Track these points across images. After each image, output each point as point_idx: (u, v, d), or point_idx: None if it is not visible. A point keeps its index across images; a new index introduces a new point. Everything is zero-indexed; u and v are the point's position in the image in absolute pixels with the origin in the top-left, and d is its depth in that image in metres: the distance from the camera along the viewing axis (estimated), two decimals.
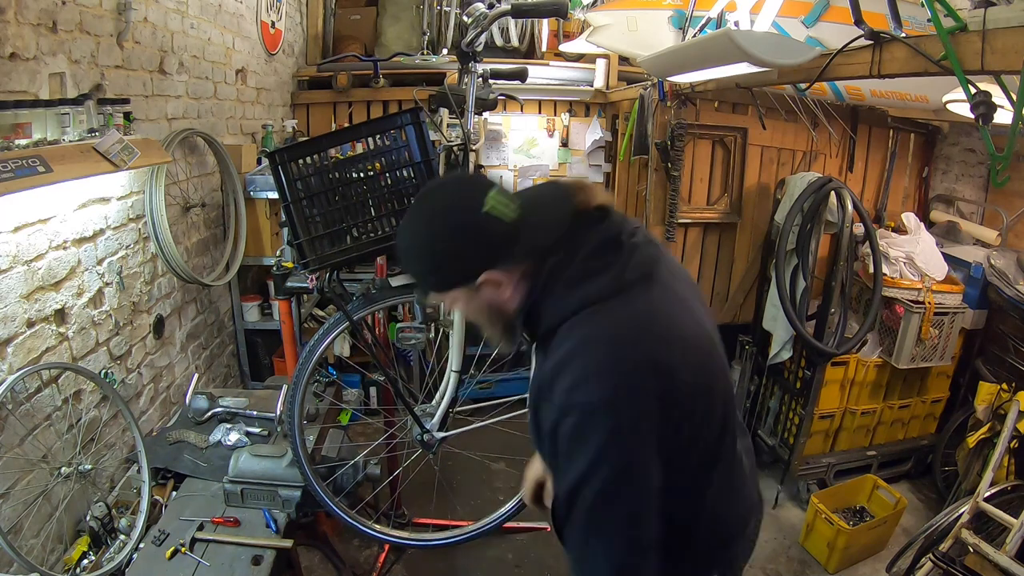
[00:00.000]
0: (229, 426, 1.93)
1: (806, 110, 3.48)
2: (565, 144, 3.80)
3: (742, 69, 1.74)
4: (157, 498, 1.68)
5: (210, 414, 2.00)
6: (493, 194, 0.89)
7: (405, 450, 1.80)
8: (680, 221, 3.30)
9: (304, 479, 1.62)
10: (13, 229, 1.42)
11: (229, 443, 1.86)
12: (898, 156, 3.91)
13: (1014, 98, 1.21)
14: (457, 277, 0.94)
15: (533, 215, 0.93)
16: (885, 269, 2.98)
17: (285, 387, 2.04)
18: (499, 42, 3.79)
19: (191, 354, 2.40)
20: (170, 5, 2.11)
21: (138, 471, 1.70)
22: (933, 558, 1.98)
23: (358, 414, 3.42)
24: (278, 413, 1.94)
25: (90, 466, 1.60)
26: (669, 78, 2.51)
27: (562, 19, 3.29)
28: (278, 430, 1.92)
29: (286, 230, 2.26)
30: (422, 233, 0.94)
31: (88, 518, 1.58)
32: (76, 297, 1.67)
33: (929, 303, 2.92)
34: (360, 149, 1.46)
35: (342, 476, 1.74)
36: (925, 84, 2.69)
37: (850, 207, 2.78)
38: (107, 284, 1.81)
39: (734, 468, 1.07)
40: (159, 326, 2.12)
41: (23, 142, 1.36)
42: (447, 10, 3.77)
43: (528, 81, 3.72)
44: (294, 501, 1.65)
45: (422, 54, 3.77)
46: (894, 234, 3.24)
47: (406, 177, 1.41)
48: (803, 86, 1.81)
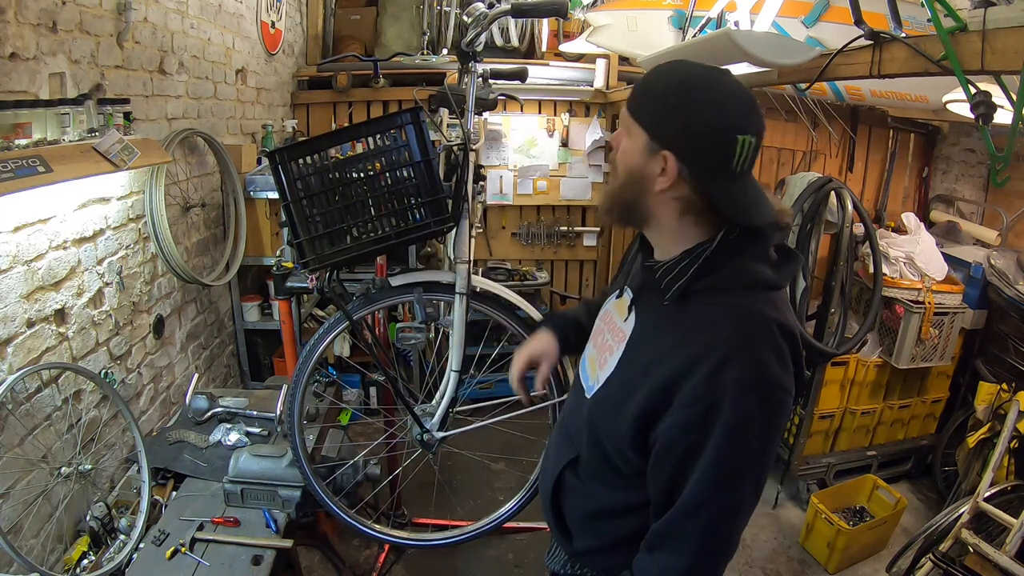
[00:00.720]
0: (229, 426, 1.93)
1: (806, 110, 3.48)
2: (565, 144, 3.80)
3: (742, 69, 1.74)
4: (157, 498, 1.68)
5: (210, 414, 2.00)
6: (750, 140, 0.86)
7: (405, 450, 1.80)
8: None
9: (304, 479, 1.62)
10: (13, 229, 1.42)
11: (229, 443, 1.86)
12: (898, 156, 3.91)
13: (1014, 98, 1.21)
14: (657, 125, 0.88)
15: (753, 188, 0.92)
16: (885, 269, 2.98)
17: (285, 387, 2.04)
18: (499, 42, 3.79)
19: (191, 354, 2.40)
20: (170, 5, 2.11)
21: (138, 471, 1.70)
22: (933, 558, 1.97)
23: (358, 414, 3.43)
24: (278, 413, 1.94)
25: (90, 466, 1.60)
26: None
27: (562, 19, 3.29)
28: (278, 430, 1.92)
29: (286, 230, 2.26)
30: (686, 83, 0.88)
31: (88, 518, 1.58)
32: (76, 297, 1.67)
33: (929, 303, 2.92)
34: (360, 149, 1.46)
35: (342, 476, 1.74)
36: (925, 84, 2.69)
37: (850, 207, 2.77)
38: (107, 284, 1.81)
39: None
40: (159, 326, 2.12)
41: (23, 142, 1.36)
42: (447, 10, 3.78)
43: (528, 81, 3.73)
44: (294, 501, 1.65)
45: (422, 54, 3.77)
46: (894, 234, 3.24)
47: (406, 177, 1.41)
48: (803, 86, 1.81)
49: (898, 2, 1.43)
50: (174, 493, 1.72)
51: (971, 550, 1.97)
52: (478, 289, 1.59)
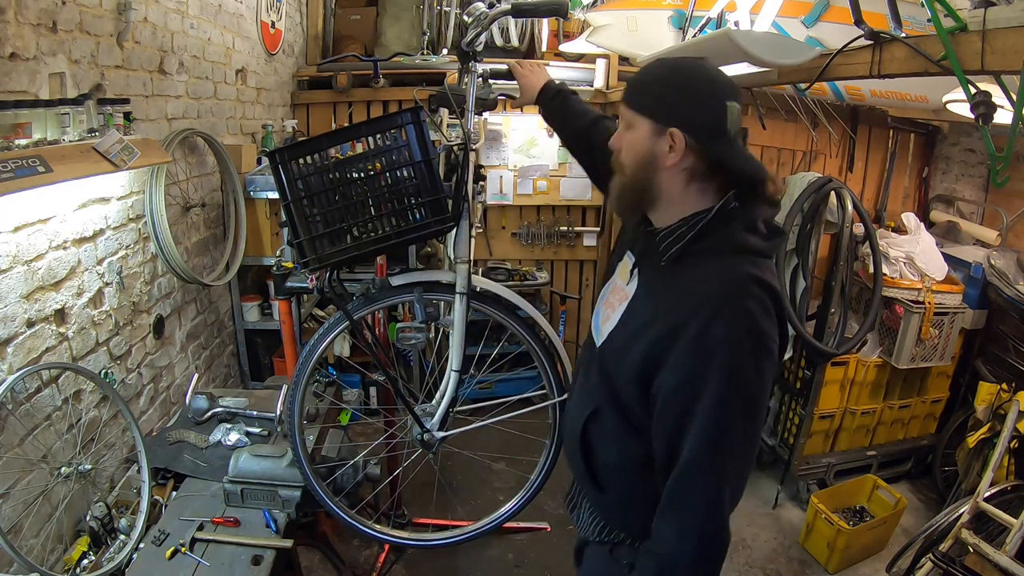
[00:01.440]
0: (229, 426, 1.93)
1: (806, 110, 3.48)
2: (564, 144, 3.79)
3: (742, 69, 1.74)
4: (157, 498, 1.68)
5: (210, 414, 2.00)
6: (736, 106, 1.00)
7: (405, 450, 1.80)
8: None
9: (304, 479, 1.62)
10: (13, 229, 1.42)
11: (229, 443, 1.86)
12: (898, 156, 3.91)
13: (1014, 98, 1.21)
14: (660, 111, 1.00)
15: (744, 149, 1.05)
16: (885, 269, 2.98)
17: (285, 387, 2.04)
18: (499, 42, 3.79)
19: (191, 354, 2.40)
20: (170, 5, 2.11)
21: (138, 471, 1.70)
22: (933, 558, 1.97)
23: (358, 414, 3.43)
24: (278, 413, 1.94)
25: (90, 466, 1.60)
26: None
27: (562, 19, 3.29)
28: (278, 430, 1.92)
29: (286, 230, 2.26)
30: (676, 68, 1.04)
31: (88, 518, 1.58)
32: (76, 297, 1.67)
33: (929, 303, 2.92)
34: (360, 149, 1.46)
35: (342, 476, 1.74)
36: (925, 84, 2.69)
37: (850, 207, 2.78)
38: (107, 284, 1.81)
39: None
40: (159, 326, 2.12)
41: (23, 142, 1.36)
42: (447, 10, 3.78)
43: None
44: (294, 501, 1.65)
45: (422, 54, 3.77)
46: (894, 234, 3.24)
47: (406, 177, 1.41)
48: (803, 86, 1.81)
49: (898, 2, 1.43)
50: (174, 493, 1.72)
51: (971, 550, 1.98)
52: (478, 289, 1.59)
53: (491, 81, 1.61)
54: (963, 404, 3.18)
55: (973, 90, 1.20)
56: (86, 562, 1.52)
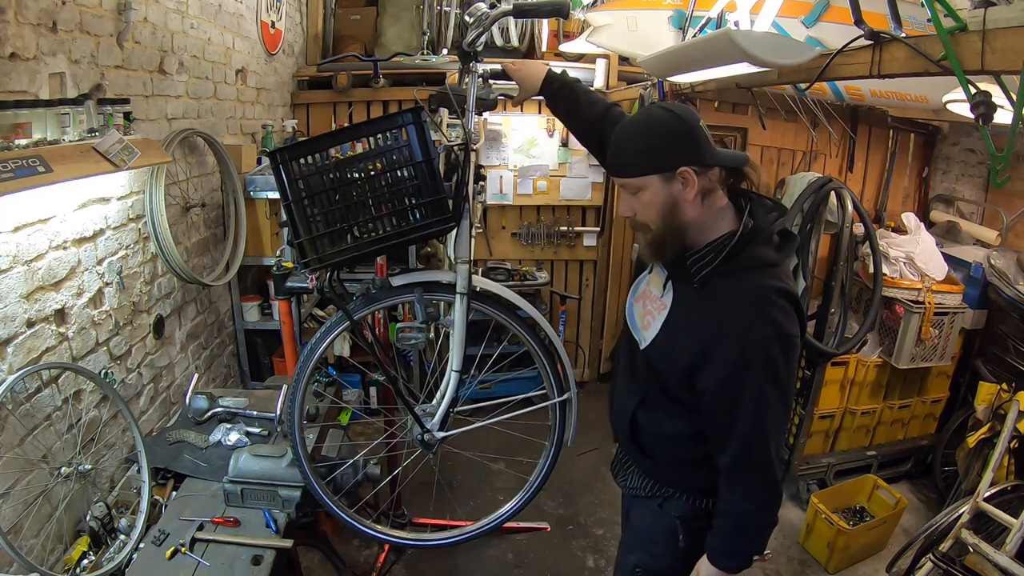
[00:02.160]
0: (229, 426, 1.93)
1: (806, 110, 3.48)
2: (565, 144, 3.80)
3: (742, 69, 1.74)
4: (157, 498, 1.68)
5: (210, 414, 2.00)
6: (703, 123, 1.18)
7: (405, 450, 1.80)
8: None
9: (304, 479, 1.62)
10: (13, 229, 1.42)
11: (229, 443, 1.86)
12: (898, 156, 3.91)
13: (1014, 98, 1.21)
14: (662, 162, 1.16)
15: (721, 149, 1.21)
16: (885, 269, 2.98)
17: (285, 387, 2.04)
18: (499, 42, 3.79)
19: (191, 354, 2.40)
20: (170, 5, 2.11)
21: (138, 471, 1.70)
22: (933, 558, 1.97)
23: (358, 413, 3.42)
24: (278, 413, 1.94)
25: (90, 466, 1.60)
26: (669, 78, 2.51)
27: (563, 19, 3.29)
28: (278, 430, 1.92)
29: (286, 230, 2.26)
30: (646, 124, 1.20)
31: (88, 518, 1.58)
32: (76, 297, 1.67)
33: (929, 303, 2.92)
34: (360, 149, 1.46)
35: (341, 476, 1.74)
36: (925, 84, 2.69)
37: (850, 207, 2.77)
38: (107, 284, 1.81)
39: None
40: (159, 326, 2.12)
41: (23, 142, 1.36)
42: (447, 10, 3.78)
43: None
44: (294, 501, 1.65)
45: (422, 54, 3.77)
46: (894, 234, 3.24)
47: (406, 177, 1.41)
48: (803, 86, 1.81)
49: (898, 2, 1.43)
50: (174, 493, 1.72)
51: (971, 550, 1.98)
52: (478, 289, 1.58)
53: (491, 81, 1.61)
54: (963, 404, 3.18)
55: (973, 90, 1.20)
56: (86, 562, 1.52)
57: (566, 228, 3.93)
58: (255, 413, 2.01)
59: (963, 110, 1.99)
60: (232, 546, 1.51)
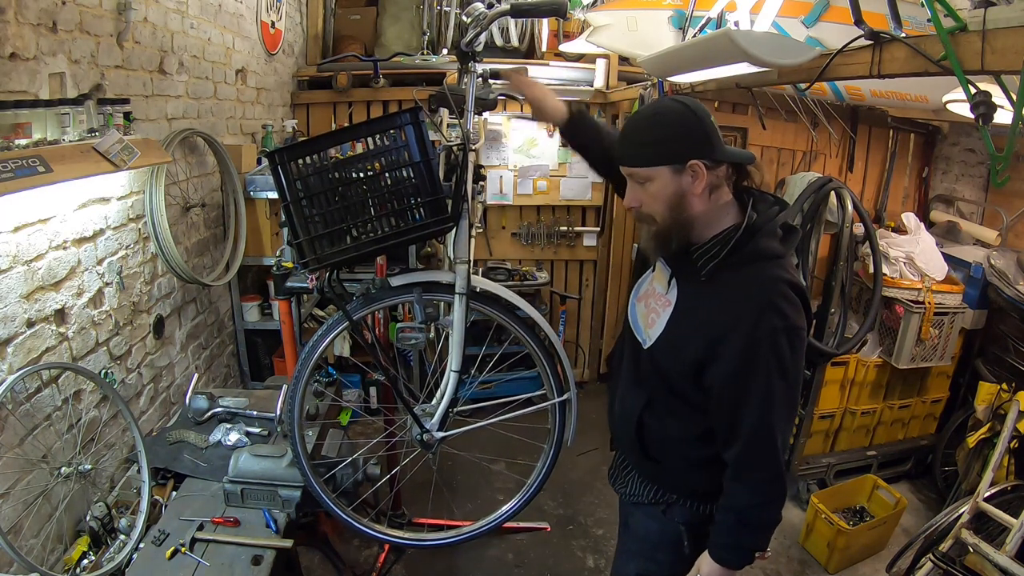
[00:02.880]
0: (229, 426, 1.93)
1: (806, 110, 3.48)
2: (565, 144, 3.79)
3: (742, 69, 1.74)
4: (157, 498, 1.68)
5: (210, 414, 2.00)
6: (710, 116, 1.18)
7: (404, 450, 1.80)
8: None
9: (304, 479, 1.62)
10: (13, 229, 1.42)
11: (229, 443, 1.86)
12: (898, 156, 3.91)
13: (1014, 98, 1.21)
14: (673, 154, 1.15)
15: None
16: (885, 269, 2.98)
17: (285, 387, 2.04)
18: (499, 42, 3.79)
19: (191, 354, 2.40)
20: (170, 5, 2.11)
21: (138, 471, 1.70)
22: (933, 558, 1.97)
23: (359, 412, 3.42)
24: (278, 413, 1.94)
25: (90, 466, 1.60)
26: (669, 78, 2.51)
27: (561, 19, 3.28)
28: (278, 430, 1.92)
29: (286, 230, 2.26)
30: (658, 114, 1.19)
31: (88, 518, 1.58)
32: (76, 297, 1.67)
33: (929, 303, 2.92)
34: (360, 149, 1.46)
35: (341, 475, 1.74)
36: (925, 84, 2.69)
37: (850, 207, 2.77)
38: (107, 284, 1.81)
39: None
40: (159, 326, 2.12)
41: (23, 142, 1.36)
42: (447, 10, 3.78)
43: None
44: (294, 501, 1.65)
45: (422, 54, 3.77)
46: (894, 234, 3.24)
47: (406, 177, 1.41)
48: (803, 86, 1.81)
49: (898, 2, 1.43)
50: (174, 493, 1.72)
51: (971, 550, 1.98)
52: (478, 289, 1.58)
53: (491, 81, 1.61)
54: (963, 404, 3.18)
55: (973, 90, 1.20)
56: (86, 562, 1.52)
57: (566, 228, 3.93)
58: (255, 413, 2.01)
59: (963, 110, 1.99)
60: (232, 546, 1.51)
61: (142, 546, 1.52)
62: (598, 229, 3.97)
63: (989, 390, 2.47)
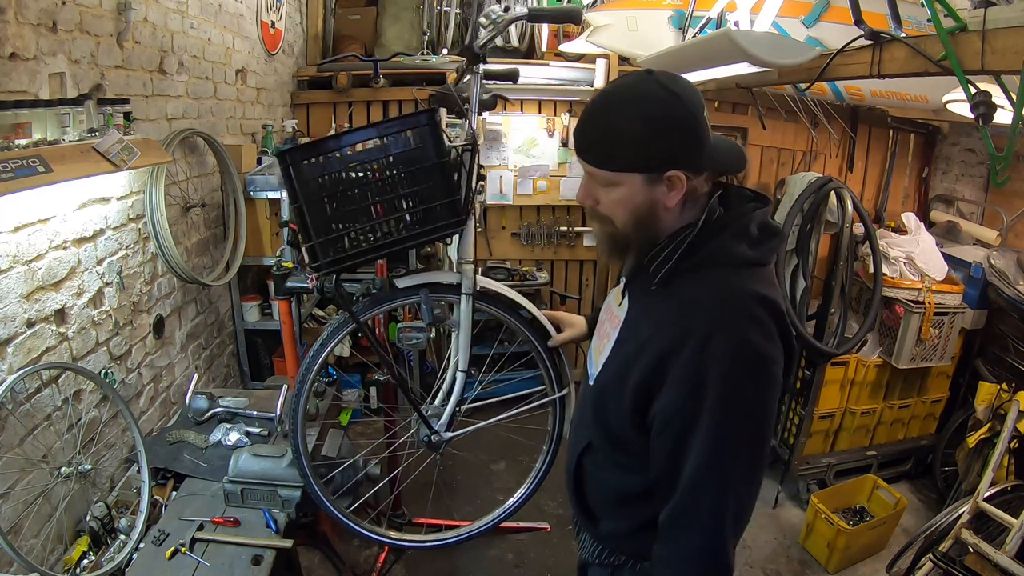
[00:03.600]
0: (229, 426, 1.93)
1: (806, 110, 3.48)
2: (565, 144, 3.80)
3: (742, 69, 1.75)
4: (157, 498, 1.68)
5: (210, 414, 2.00)
6: (703, 109, 0.94)
7: (407, 451, 1.80)
8: None
9: (305, 482, 1.61)
10: (13, 229, 1.42)
11: (229, 443, 1.86)
12: (898, 156, 3.91)
13: (1014, 98, 1.21)
14: (650, 160, 0.92)
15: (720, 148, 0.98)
16: (885, 269, 2.98)
17: (285, 387, 2.04)
18: (499, 42, 3.79)
19: (191, 354, 2.40)
20: (170, 5, 2.11)
21: (138, 471, 1.70)
22: (933, 558, 1.97)
23: (361, 411, 3.42)
24: (278, 413, 1.94)
25: (90, 466, 1.60)
26: None
27: (575, 25, 3.29)
28: (278, 430, 1.92)
29: (286, 230, 2.26)
30: (638, 103, 0.91)
31: (88, 518, 1.58)
32: (76, 297, 1.67)
33: (929, 303, 2.92)
34: (369, 146, 1.43)
35: (342, 475, 1.74)
36: (925, 84, 2.69)
37: (850, 207, 2.78)
38: (107, 284, 1.80)
39: None
40: (159, 326, 2.12)
41: (23, 142, 1.36)
42: (447, 10, 3.78)
43: (528, 81, 3.73)
44: (294, 501, 1.65)
45: (422, 54, 3.77)
46: (894, 234, 3.24)
47: (418, 177, 1.38)
48: (803, 86, 1.82)
49: (898, 2, 1.43)
50: (174, 493, 1.72)
51: (971, 550, 1.97)
52: (479, 289, 1.58)
53: (484, 82, 1.60)
54: (963, 404, 3.18)
55: (973, 90, 1.20)
56: (86, 562, 1.52)
57: (566, 228, 3.93)
58: (255, 413, 2.01)
59: (963, 110, 1.99)
60: (232, 546, 1.51)
61: (142, 546, 1.52)
62: None
63: (989, 390, 2.47)
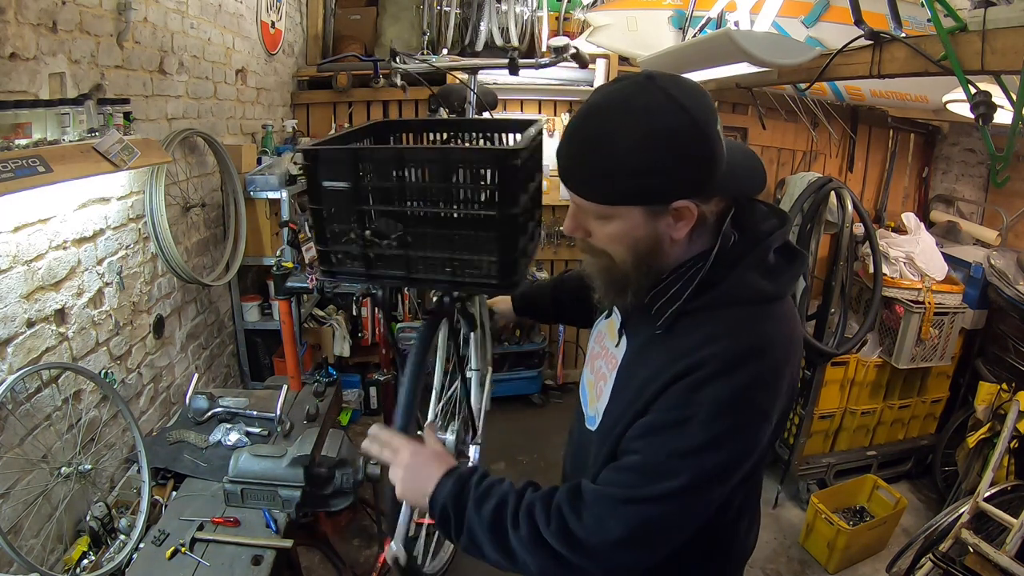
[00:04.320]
0: (229, 426, 1.93)
1: (806, 110, 3.48)
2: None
3: (742, 69, 1.75)
4: (157, 498, 1.68)
5: (210, 414, 2.00)
6: (717, 121, 0.80)
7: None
8: None
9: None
10: (13, 229, 1.42)
11: (229, 443, 1.86)
12: (898, 156, 3.91)
13: (1014, 98, 1.21)
14: (654, 192, 0.78)
15: (734, 163, 0.83)
16: (885, 269, 2.98)
17: (285, 387, 2.05)
18: (499, 42, 3.79)
19: (191, 354, 2.40)
20: (170, 5, 2.11)
21: (138, 471, 1.70)
22: (933, 558, 1.97)
23: (359, 412, 3.42)
24: (278, 413, 1.94)
25: (90, 466, 1.60)
26: None
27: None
28: (278, 430, 1.92)
29: (286, 230, 2.26)
30: (639, 124, 0.75)
31: (88, 518, 1.58)
32: (76, 297, 1.67)
33: (929, 303, 2.92)
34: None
35: (342, 476, 1.74)
36: (925, 84, 2.70)
37: (850, 207, 2.78)
38: (107, 284, 1.81)
39: (758, 492, 1.13)
40: (159, 326, 2.12)
41: (23, 142, 1.36)
42: (447, 10, 3.77)
43: (528, 81, 3.72)
44: (294, 501, 1.65)
45: (422, 54, 3.77)
46: (894, 234, 3.24)
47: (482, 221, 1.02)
48: (803, 86, 1.82)
49: (898, 2, 1.43)
50: (174, 493, 1.72)
51: (971, 550, 1.97)
52: None
53: (480, 80, 1.59)
54: (963, 404, 3.18)
55: (973, 90, 1.20)
56: (86, 562, 1.52)
57: None
58: (255, 413, 2.01)
59: (963, 110, 1.99)
60: (232, 546, 1.51)
61: (142, 546, 1.52)
62: None
63: (989, 390, 2.47)
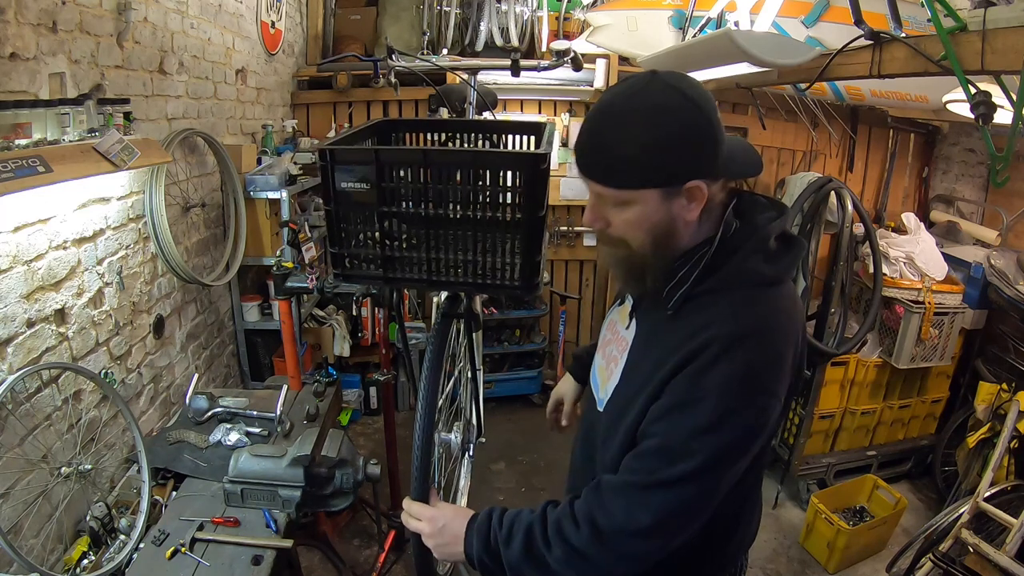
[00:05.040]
0: (229, 426, 1.93)
1: (806, 110, 3.48)
2: (565, 144, 3.80)
3: (742, 69, 1.75)
4: (157, 498, 1.68)
5: (210, 414, 2.00)
6: (717, 111, 0.89)
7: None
8: None
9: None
10: (13, 229, 1.42)
11: (229, 443, 1.86)
12: (898, 156, 3.91)
13: (1014, 98, 1.21)
14: (669, 174, 0.85)
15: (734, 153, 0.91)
16: (885, 269, 2.98)
17: (285, 387, 2.05)
18: (499, 42, 3.79)
19: (191, 354, 2.40)
20: (170, 5, 2.11)
21: (138, 471, 1.70)
22: (933, 558, 1.97)
23: (358, 412, 3.42)
24: (278, 413, 1.94)
25: (90, 466, 1.60)
26: None
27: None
28: (278, 430, 1.92)
29: (286, 230, 2.26)
30: (650, 113, 0.83)
31: (88, 518, 1.58)
32: (76, 297, 1.67)
33: (929, 303, 2.92)
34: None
35: (342, 476, 1.74)
36: (925, 84, 2.70)
37: (850, 207, 2.78)
38: (107, 284, 1.81)
39: (761, 479, 1.13)
40: (159, 326, 2.12)
41: (23, 142, 1.36)
42: (447, 10, 3.77)
43: (527, 81, 3.72)
44: (294, 501, 1.65)
45: (422, 54, 3.77)
46: (894, 234, 3.24)
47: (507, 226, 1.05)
48: (803, 86, 1.82)
49: (898, 2, 1.43)
50: (174, 493, 1.72)
51: (971, 550, 1.98)
52: None
53: (478, 79, 1.60)
54: (963, 404, 3.18)
55: (973, 90, 1.20)
56: (86, 562, 1.52)
57: (566, 228, 3.93)
58: (255, 413, 2.01)
59: (963, 110, 1.99)
60: (232, 546, 1.51)
61: (142, 546, 1.52)
62: None
63: (989, 390, 2.47)
